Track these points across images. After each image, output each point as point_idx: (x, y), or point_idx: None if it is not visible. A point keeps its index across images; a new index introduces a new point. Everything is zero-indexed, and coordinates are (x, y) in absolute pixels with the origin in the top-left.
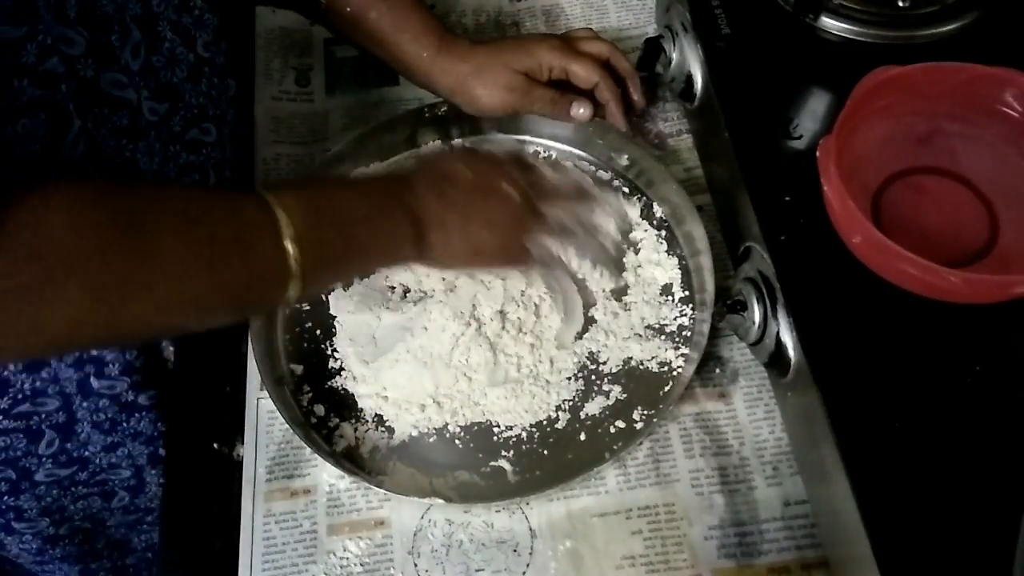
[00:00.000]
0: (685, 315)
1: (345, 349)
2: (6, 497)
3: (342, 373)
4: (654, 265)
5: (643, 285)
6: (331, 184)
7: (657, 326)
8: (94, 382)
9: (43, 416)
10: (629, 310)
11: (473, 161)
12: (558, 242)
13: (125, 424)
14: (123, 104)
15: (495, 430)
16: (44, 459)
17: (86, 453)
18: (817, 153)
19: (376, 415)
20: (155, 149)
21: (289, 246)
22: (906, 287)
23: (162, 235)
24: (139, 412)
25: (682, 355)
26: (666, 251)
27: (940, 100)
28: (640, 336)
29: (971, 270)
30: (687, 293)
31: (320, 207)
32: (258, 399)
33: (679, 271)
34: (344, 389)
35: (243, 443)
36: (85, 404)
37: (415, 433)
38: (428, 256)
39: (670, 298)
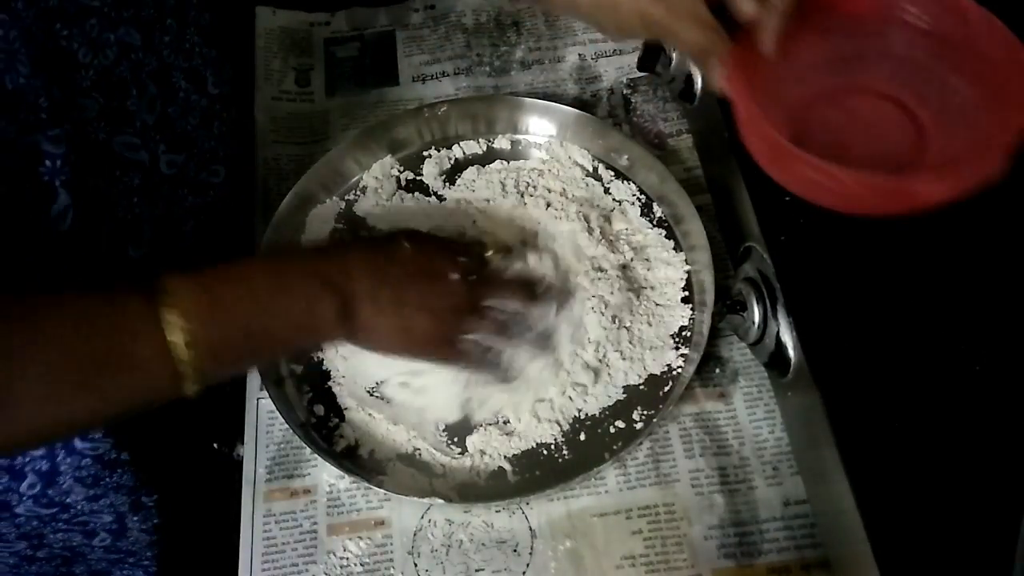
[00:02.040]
0: (685, 315)
1: (338, 368)
2: None
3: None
4: (664, 264)
5: (644, 285)
6: (238, 269)
7: (658, 326)
8: (78, 443)
9: (27, 459)
10: (630, 310)
11: (420, 242)
12: (495, 339)
13: (108, 479)
14: (135, 165)
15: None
16: (25, 497)
17: (68, 500)
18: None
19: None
20: (162, 194)
21: (178, 350)
22: (813, 199)
23: (25, 355)
24: (121, 467)
25: (682, 355)
26: (673, 249)
27: (860, 17)
28: (641, 337)
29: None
30: (687, 293)
31: (221, 300)
32: (258, 399)
33: (684, 272)
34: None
35: (243, 443)
36: (68, 460)
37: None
38: (357, 335)
39: (671, 298)
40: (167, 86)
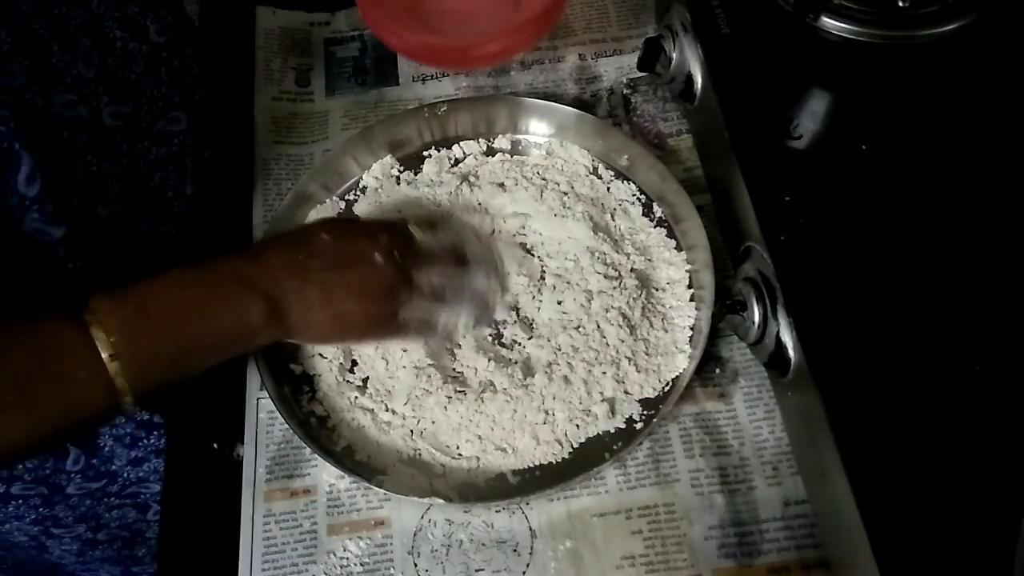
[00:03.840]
0: (692, 316)
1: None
2: (41, 508)
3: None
4: (667, 264)
5: (655, 288)
6: (161, 281)
7: (672, 331)
8: None
9: None
10: (649, 321)
11: (336, 229)
12: (433, 306)
13: (146, 440)
14: (78, 122)
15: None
16: (73, 474)
17: (113, 467)
18: None
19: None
20: (122, 151)
21: (110, 365)
22: (411, 57)
23: None
24: (157, 430)
25: (682, 355)
26: (674, 249)
27: None
28: (656, 345)
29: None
30: (691, 292)
31: (145, 312)
32: (258, 399)
33: (685, 272)
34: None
35: (243, 443)
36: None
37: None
38: (291, 333)
39: (680, 299)
40: (100, 38)
